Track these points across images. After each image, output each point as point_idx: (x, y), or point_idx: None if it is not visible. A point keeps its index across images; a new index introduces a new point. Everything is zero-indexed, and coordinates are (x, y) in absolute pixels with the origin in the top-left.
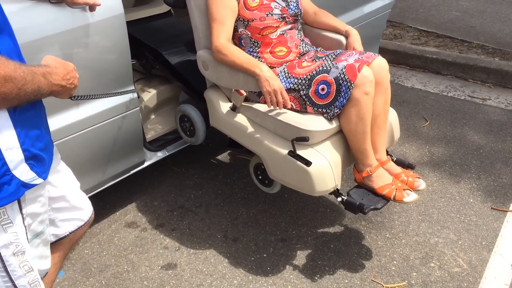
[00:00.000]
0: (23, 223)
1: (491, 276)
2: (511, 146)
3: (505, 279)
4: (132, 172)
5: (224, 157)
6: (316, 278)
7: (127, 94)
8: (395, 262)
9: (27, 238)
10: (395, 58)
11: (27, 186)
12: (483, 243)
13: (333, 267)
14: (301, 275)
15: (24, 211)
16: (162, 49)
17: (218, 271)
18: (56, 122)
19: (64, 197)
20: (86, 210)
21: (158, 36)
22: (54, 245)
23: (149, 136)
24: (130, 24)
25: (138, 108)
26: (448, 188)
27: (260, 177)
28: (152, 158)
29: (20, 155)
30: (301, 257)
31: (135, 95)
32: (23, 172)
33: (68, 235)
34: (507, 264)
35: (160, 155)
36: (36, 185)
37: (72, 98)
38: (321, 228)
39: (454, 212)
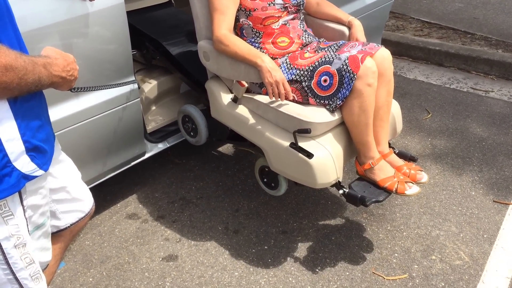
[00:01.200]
0: (24, 215)
1: (492, 269)
2: None
3: (506, 272)
4: (132, 163)
5: (225, 148)
6: (317, 270)
7: (128, 85)
8: (396, 254)
9: (28, 230)
10: (398, 50)
11: (28, 178)
12: (485, 236)
13: (334, 259)
14: (302, 267)
15: (25, 203)
16: (162, 40)
17: (219, 263)
18: (56, 113)
19: (64, 188)
20: (87, 202)
21: (158, 26)
22: (55, 237)
23: (150, 127)
24: (130, 14)
25: (139, 99)
26: (450, 181)
27: (265, 179)
28: (152, 149)
29: (21, 147)
30: (302, 249)
31: (136, 86)
32: (24, 163)
33: (69, 226)
34: (508, 257)
35: (161, 146)
36: (37, 176)
37: (72, 90)
38: (322, 221)
39: (456, 204)
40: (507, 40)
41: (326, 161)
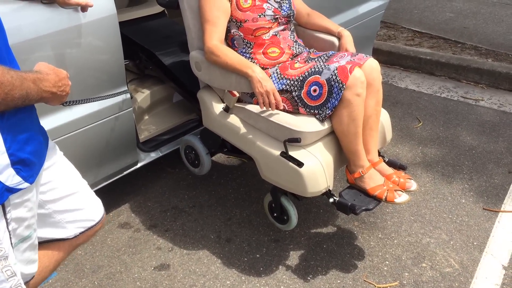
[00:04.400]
0: (7, 228)
1: (482, 276)
2: (503, 147)
3: (496, 279)
4: (125, 173)
5: (217, 157)
6: (309, 278)
7: (120, 95)
8: (387, 262)
9: (11, 243)
10: (389, 59)
11: (12, 190)
12: (475, 243)
13: (326, 267)
14: (294, 276)
15: (8, 215)
16: (155, 50)
17: (211, 271)
18: (48, 123)
19: (67, 197)
20: (95, 211)
21: (151, 37)
22: (55, 245)
23: (143, 136)
24: (124, 24)
25: (131, 108)
26: (441, 189)
27: (275, 214)
28: (145, 158)
29: (6, 160)
30: (294, 257)
31: (128, 95)
32: (8, 176)
33: (77, 235)
34: (498, 264)
35: (153, 155)
36: (22, 189)
37: (64, 104)
38: (314, 229)
39: (446, 212)
40: (497, 49)
41: (316, 170)
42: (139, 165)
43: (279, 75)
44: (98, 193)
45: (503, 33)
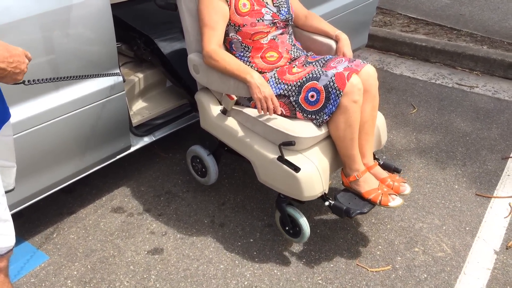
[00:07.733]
0: None
1: (474, 260)
2: (497, 133)
3: (487, 264)
4: (118, 157)
5: None
6: (302, 262)
7: (111, 77)
8: (380, 247)
9: None
10: (385, 45)
11: None
12: (467, 228)
13: (319, 251)
14: (287, 260)
15: None
16: (154, 36)
17: (204, 255)
18: (38, 105)
19: None
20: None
21: (149, 22)
22: None
23: (136, 121)
24: (117, 6)
25: (124, 92)
26: (434, 175)
27: (287, 228)
28: (138, 143)
29: None
30: (287, 242)
31: (120, 78)
32: None
33: None
34: (489, 249)
35: (147, 140)
36: None
37: (25, 83)
38: (308, 214)
39: (439, 198)
40: (492, 36)
41: (313, 175)
42: (132, 149)
43: (277, 80)
44: (91, 177)
45: (499, 20)
